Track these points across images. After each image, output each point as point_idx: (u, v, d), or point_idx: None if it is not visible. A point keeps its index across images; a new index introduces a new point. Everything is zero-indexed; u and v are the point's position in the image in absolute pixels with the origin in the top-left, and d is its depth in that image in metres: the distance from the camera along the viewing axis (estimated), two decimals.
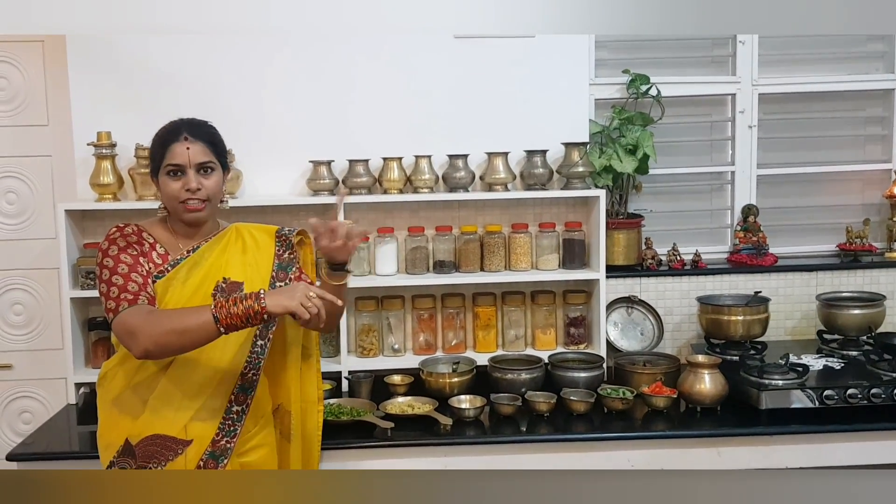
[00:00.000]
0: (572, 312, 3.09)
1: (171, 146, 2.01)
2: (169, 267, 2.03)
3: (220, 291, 2.04)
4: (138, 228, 2.06)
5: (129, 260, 1.98)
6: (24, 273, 3.09)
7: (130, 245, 2.00)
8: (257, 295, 1.88)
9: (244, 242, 2.14)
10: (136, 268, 1.97)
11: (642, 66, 3.19)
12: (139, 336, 1.87)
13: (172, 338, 1.87)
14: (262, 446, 2.17)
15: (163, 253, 2.04)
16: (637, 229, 3.16)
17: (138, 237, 2.03)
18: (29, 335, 3.11)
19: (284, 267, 2.16)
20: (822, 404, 2.54)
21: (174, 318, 1.89)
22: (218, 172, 2.06)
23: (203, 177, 2.02)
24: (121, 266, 1.96)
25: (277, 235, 2.19)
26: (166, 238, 2.07)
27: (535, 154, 2.99)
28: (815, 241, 3.38)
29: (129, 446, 2.01)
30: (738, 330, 2.93)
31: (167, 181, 2.02)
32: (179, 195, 2.01)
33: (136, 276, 1.96)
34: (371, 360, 3.02)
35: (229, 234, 2.14)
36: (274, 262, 2.15)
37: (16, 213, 3.07)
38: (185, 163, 2.00)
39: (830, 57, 3.35)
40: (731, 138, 3.33)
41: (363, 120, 3.00)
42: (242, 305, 1.86)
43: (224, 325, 1.87)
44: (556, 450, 2.51)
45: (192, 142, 2.01)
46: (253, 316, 1.87)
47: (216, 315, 1.86)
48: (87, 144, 2.87)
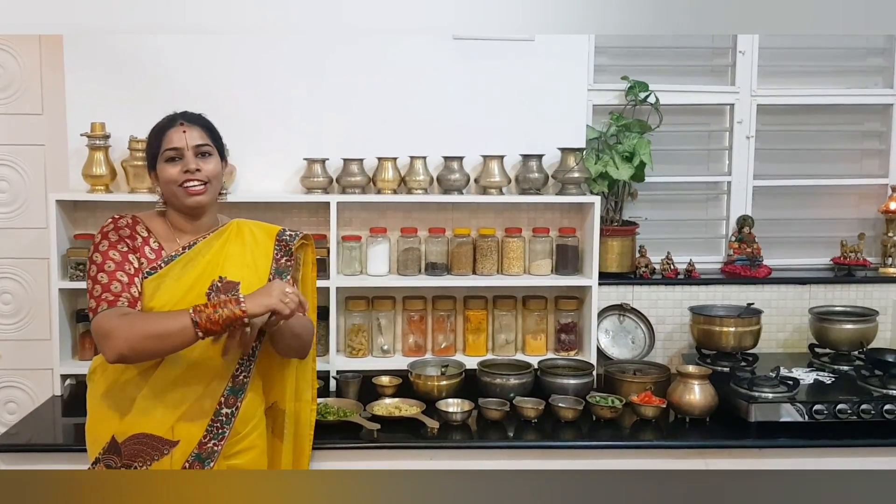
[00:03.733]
0: (563, 318, 3.08)
1: (167, 133, 2.02)
2: (162, 263, 2.00)
3: (215, 291, 2.01)
4: (133, 221, 2.03)
5: (118, 257, 1.95)
6: (14, 262, 3.06)
7: (122, 240, 1.98)
8: (237, 300, 1.86)
9: (244, 240, 2.11)
10: (123, 266, 1.95)
11: (641, 73, 3.17)
12: (113, 339, 1.84)
13: (149, 342, 1.84)
14: (251, 449, 2.13)
15: (156, 248, 2.02)
16: (631, 237, 3.15)
17: (132, 230, 2.01)
18: (17, 325, 3.09)
19: (280, 272, 2.13)
20: (812, 419, 2.53)
21: (151, 322, 1.87)
22: (216, 158, 2.06)
23: (201, 160, 2.02)
24: (108, 263, 1.94)
25: (278, 238, 2.16)
26: (163, 232, 2.05)
27: (531, 158, 2.98)
28: (809, 255, 3.37)
29: (116, 444, 1.98)
30: (729, 341, 2.92)
31: (165, 167, 2.01)
32: (178, 178, 2.00)
33: (121, 275, 1.93)
34: (360, 361, 3.00)
35: (229, 229, 2.12)
36: (272, 265, 2.12)
37: (7, 202, 3.05)
38: (182, 146, 2.00)
39: (830, 70, 3.35)
40: (728, 148, 3.32)
41: (359, 119, 2.98)
42: (224, 311, 1.84)
43: (203, 329, 1.84)
44: (543, 456, 2.50)
45: (189, 127, 2.03)
46: (234, 321, 1.85)
47: (195, 319, 1.83)
48: (81, 135, 2.85)
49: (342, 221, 2.99)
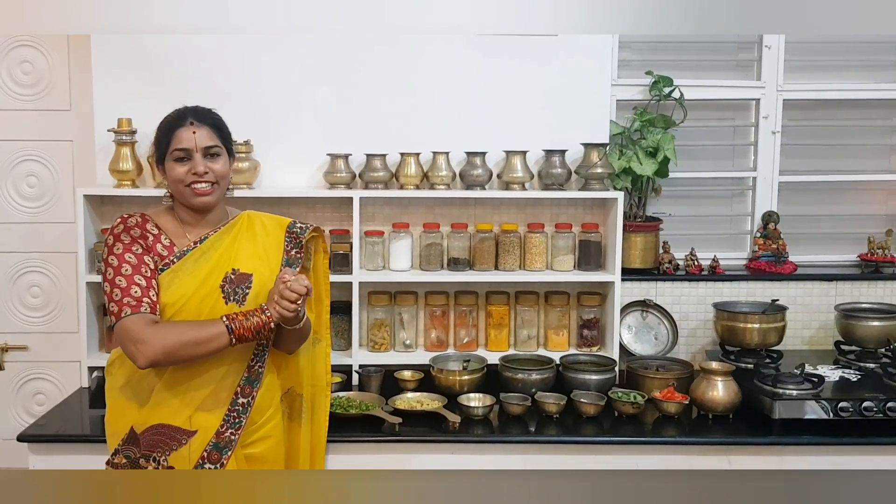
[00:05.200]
0: (586, 314, 3.07)
1: (176, 132, 2.02)
2: (175, 258, 2.01)
3: (229, 283, 2.03)
4: (143, 220, 2.04)
5: (133, 260, 1.97)
6: (43, 256, 3.11)
7: (134, 241, 1.99)
8: (263, 309, 1.98)
9: (255, 232, 2.13)
10: (140, 269, 1.96)
11: (666, 67, 3.15)
12: (146, 346, 1.90)
13: (185, 349, 1.93)
14: (268, 437, 2.16)
15: (168, 244, 2.03)
16: (655, 233, 3.14)
17: (142, 230, 2.01)
18: (45, 318, 3.14)
19: (290, 264, 2.15)
20: (837, 416, 2.50)
21: (186, 330, 1.94)
22: (224, 157, 2.06)
23: (210, 161, 2.03)
24: (124, 267, 1.96)
25: (289, 230, 2.18)
26: (173, 227, 2.06)
27: (554, 154, 2.97)
28: (835, 251, 3.33)
29: (135, 435, 2.01)
30: (753, 338, 2.90)
31: (174, 166, 2.02)
32: (186, 178, 2.01)
33: (139, 279, 1.95)
34: (382, 355, 3.01)
35: (240, 222, 2.14)
36: (283, 257, 2.14)
37: (36, 197, 3.10)
38: (191, 147, 2.00)
39: (857, 64, 3.30)
40: (753, 144, 3.29)
41: (382, 115, 2.99)
42: (255, 319, 1.97)
43: (237, 336, 1.95)
44: (564, 451, 2.50)
45: (198, 126, 2.02)
46: (262, 328, 1.98)
47: (230, 326, 1.94)
48: (108, 130, 2.89)
49: (365, 217, 3.00)
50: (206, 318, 1.99)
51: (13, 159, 3.08)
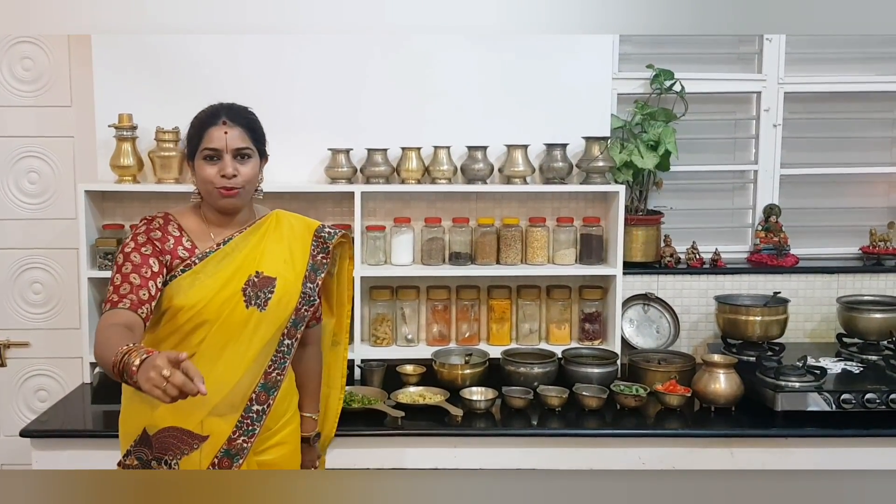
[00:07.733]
0: (588, 308, 3.07)
1: (208, 130, 1.94)
2: (196, 260, 1.95)
3: (251, 286, 1.97)
4: (165, 221, 1.98)
5: (137, 259, 1.90)
6: (44, 252, 3.11)
7: (149, 242, 1.93)
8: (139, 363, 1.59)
9: (282, 233, 2.07)
10: (140, 269, 1.89)
11: (667, 61, 3.15)
12: None
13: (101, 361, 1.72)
14: (283, 444, 2.10)
15: (189, 246, 1.96)
16: (656, 226, 3.13)
17: (163, 232, 1.95)
18: (47, 314, 3.14)
19: (316, 269, 2.09)
20: (839, 408, 2.50)
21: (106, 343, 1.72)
22: (255, 159, 1.99)
23: (239, 163, 1.95)
24: (126, 265, 1.89)
25: (316, 234, 2.11)
26: (197, 227, 2.00)
27: (555, 148, 2.97)
28: (837, 244, 3.33)
29: (147, 436, 1.97)
30: (755, 330, 2.90)
31: (203, 165, 1.95)
32: (214, 180, 1.94)
33: (134, 278, 1.87)
34: (384, 350, 3.01)
35: (269, 221, 2.07)
36: (308, 261, 2.08)
37: (37, 193, 3.10)
38: (221, 147, 1.93)
39: (858, 57, 3.30)
40: (754, 137, 3.29)
41: (383, 109, 2.99)
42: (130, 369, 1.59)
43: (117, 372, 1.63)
44: (566, 444, 2.50)
45: (231, 126, 1.95)
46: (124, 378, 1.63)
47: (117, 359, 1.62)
48: (109, 126, 2.89)
49: (366, 211, 3.00)
50: (226, 322, 1.93)
51: (14, 155, 3.08)
